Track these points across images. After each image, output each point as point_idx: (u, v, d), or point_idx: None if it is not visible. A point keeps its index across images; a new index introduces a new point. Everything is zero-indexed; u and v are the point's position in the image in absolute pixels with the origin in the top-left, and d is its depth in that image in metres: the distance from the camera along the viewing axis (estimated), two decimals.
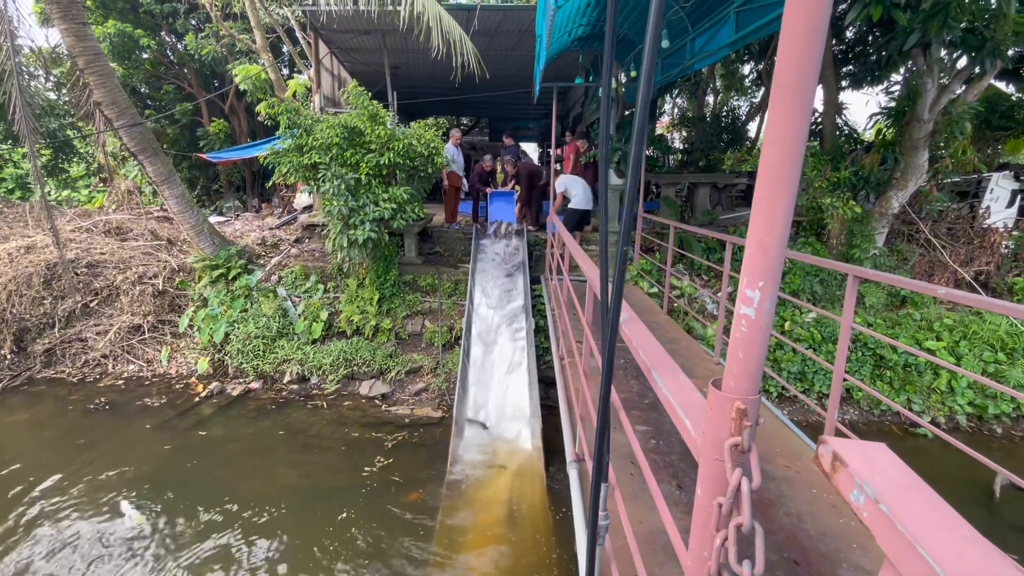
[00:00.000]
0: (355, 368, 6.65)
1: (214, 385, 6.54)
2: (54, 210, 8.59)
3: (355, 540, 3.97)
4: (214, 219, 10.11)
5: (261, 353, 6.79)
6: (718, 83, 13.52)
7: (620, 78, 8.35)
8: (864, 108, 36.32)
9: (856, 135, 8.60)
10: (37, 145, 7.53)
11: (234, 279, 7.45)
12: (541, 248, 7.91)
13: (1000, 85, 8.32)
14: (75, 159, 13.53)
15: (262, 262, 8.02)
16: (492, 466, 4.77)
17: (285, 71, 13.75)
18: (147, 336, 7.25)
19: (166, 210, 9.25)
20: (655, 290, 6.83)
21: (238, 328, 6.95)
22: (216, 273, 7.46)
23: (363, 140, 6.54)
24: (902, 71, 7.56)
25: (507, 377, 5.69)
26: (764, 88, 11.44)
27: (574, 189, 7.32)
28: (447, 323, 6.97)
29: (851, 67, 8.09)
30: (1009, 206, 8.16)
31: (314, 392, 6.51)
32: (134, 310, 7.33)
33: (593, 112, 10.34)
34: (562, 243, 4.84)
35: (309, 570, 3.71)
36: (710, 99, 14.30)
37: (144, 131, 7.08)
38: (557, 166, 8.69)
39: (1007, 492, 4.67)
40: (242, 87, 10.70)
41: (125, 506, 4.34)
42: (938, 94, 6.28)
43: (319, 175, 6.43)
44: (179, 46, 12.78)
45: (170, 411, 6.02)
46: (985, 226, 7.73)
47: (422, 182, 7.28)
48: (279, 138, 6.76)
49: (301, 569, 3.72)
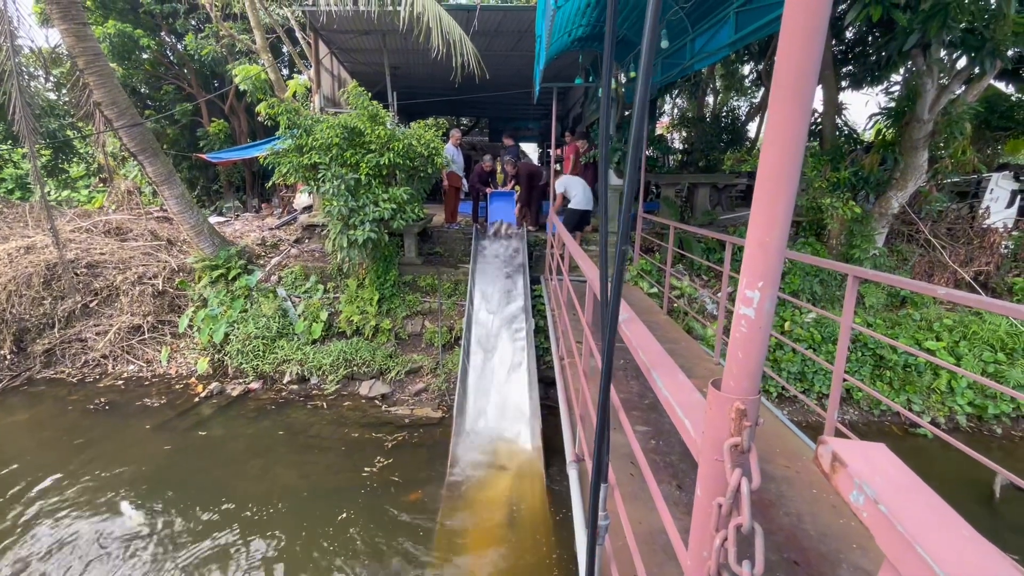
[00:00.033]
0: (355, 368, 6.65)
1: (214, 385, 6.54)
2: (54, 210, 8.58)
3: (355, 541, 3.97)
4: (214, 219, 10.11)
5: (261, 353, 6.79)
6: (718, 83, 13.52)
7: (620, 78, 8.35)
8: (864, 108, 36.34)
9: (856, 135, 8.60)
10: (37, 145, 7.53)
11: (234, 279, 7.45)
12: (541, 248, 7.91)
13: (1000, 85, 8.33)
14: (75, 159, 13.53)
15: (262, 262, 8.02)
16: (492, 467, 4.77)
17: (285, 71, 13.75)
18: (147, 336, 7.25)
19: (166, 210, 9.26)
20: (655, 290, 6.83)
21: (238, 328, 6.95)
22: (216, 273, 7.46)
23: (363, 140, 6.55)
24: (902, 71, 7.56)
25: (508, 378, 5.69)
26: (764, 88, 11.44)
27: (574, 189, 7.33)
28: (447, 323, 6.97)
29: (851, 67, 8.09)
30: (1009, 206, 8.16)
31: (314, 392, 6.50)
32: (134, 310, 7.33)
33: (593, 112, 10.34)
34: (562, 243, 4.84)
35: (309, 570, 3.71)
36: (710, 99, 14.30)
37: (144, 131, 7.08)
38: (557, 166, 8.69)
39: (1007, 492, 4.67)
40: (242, 87, 10.70)
41: (125, 506, 4.34)
42: (938, 94, 6.28)
43: (319, 175, 6.43)
44: (179, 46, 12.78)
45: (170, 411, 6.02)
46: (985, 226, 7.73)
47: (422, 182, 7.29)
48: (279, 138, 6.76)
49: (301, 569, 3.72)
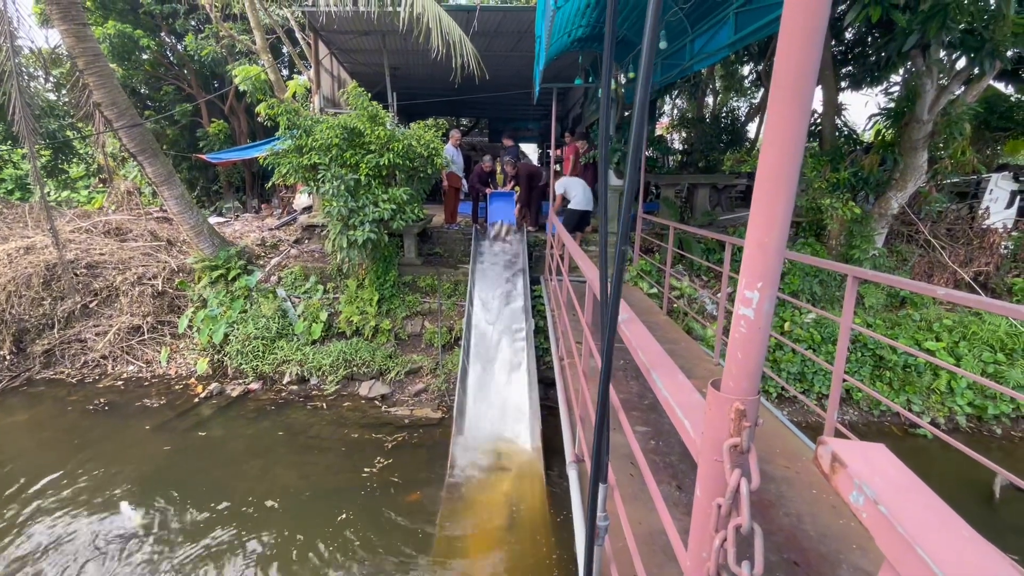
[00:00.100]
0: (355, 369, 6.65)
1: (213, 386, 6.54)
2: (53, 211, 8.58)
3: (354, 541, 3.97)
4: (214, 220, 10.11)
5: (260, 354, 6.78)
6: (717, 84, 13.51)
7: (620, 79, 8.35)
8: (863, 109, 36.40)
9: (855, 136, 8.60)
10: (37, 146, 7.53)
11: (234, 280, 7.45)
12: (541, 249, 7.91)
13: (999, 86, 8.33)
14: (75, 160, 13.53)
15: (262, 263, 8.02)
16: (492, 467, 4.77)
17: (285, 72, 13.75)
18: (146, 337, 7.24)
19: (165, 211, 9.25)
20: (655, 291, 6.83)
21: (237, 329, 6.95)
22: (216, 274, 7.46)
23: (363, 141, 6.55)
24: (901, 72, 7.57)
25: (507, 379, 5.69)
26: (763, 89, 11.44)
27: (573, 190, 7.33)
28: (447, 324, 6.97)
29: (850, 68, 8.10)
30: (1008, 207, 8.16)
31: (314, 393, 6.50)
32: (133, 311, 7.32)
33: (593, 113, 10.35)
34: (561, 244, 4.85)
35: (308, 570, 3.71)
36: (710, 100, 14.30)
37: (144, 132, 7.08)
38: (557, 167, 8.69)
39: (1007, 492, 4.68)
40: (242, 88, 10.70)
41: (124, 507, 4.34)
42: (937, 95, 6.28)
43: (319, 176, 6.43)
44: (179, 47, 12.78)
45: (169, 412, 6.01)
46: (984, 227, 7.73)
47: (422, 183, 7.29)
48: (279, 139, 6.76)
49: (300, 570, 3.71)
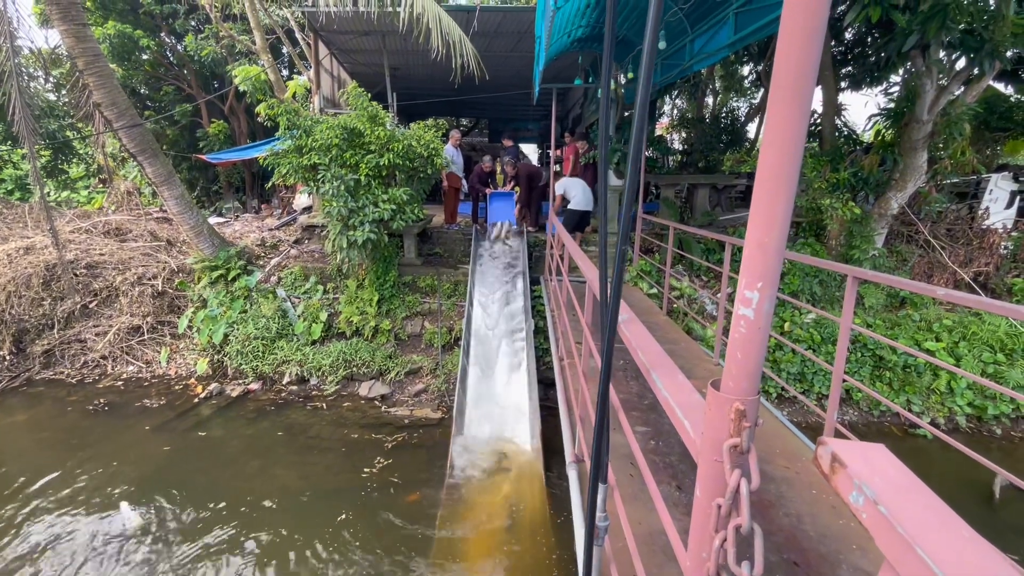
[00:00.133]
0: (354, 369, 6.65)
1: (213, 386, 6.53)
2: (53, 211, 8.58)
3: (353, 541, 3.97)
4: (213, 220, 10.11)
5: (260, 354, 6.78)
6: (717, 84, 13.52)
7: (619, 79, 8.35)
8: (863, 109, 36.44)
9: (855, 136, 8.61)
10: (37, 146, 7.53)
11: (233, 280, 7.45)
12: (541, 249, 7.91)
13: (999, 86, 8.34)
14: (74, 160, 13.53)
15: (261, 263, 8.02)
16: (492, 468, 4.77)
17: (285, 72, 13.75)
18: (146, 337, 7.24)
19: (165, 211, 9.25)
20: (655, 291, 6.83)
21: (237, 329, 6.95)
22: (215, 274, 7.46)
23: (363, 141, 6.55)
24: (901, 72, 7.57)
25: (507, 379, 5.69)
26: (763, 89, 11.45)
27: (573, 190, 7.33)
28: (447, 324, 6.97)
29: (850, 68, 8.10)
30: (1008, 207, 8.16)
31: (313, 393, 6.50)
32: (133, 311, 7.32)
33: (592, 113, 10.35)
34: (561, 244, 4.85)
35: (308, 571, 3.70)
36: (709, 100, 14.30)
37: (143, 132, 7.08)
38: (556, 167, 8.69)
39: (1007, 493, 4.67)
40: (242, 88, 10.70)
41: (123, 507, 4.33)
42: (937, 95, 6.28)
43: (319, 176, 6.43)
44: (179, 47, 12.79)
45: (169, 412, 6.01)
46: (984, 227, 7.73)
47: (422, 183, 7.29)
48: (279, 139, 6.76)
49: (300, 570, 3.71)
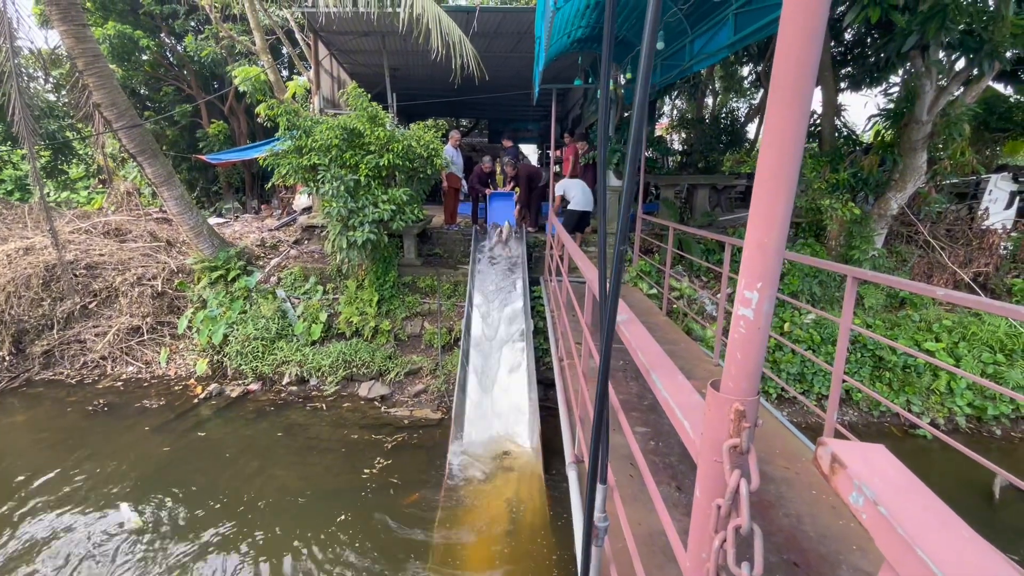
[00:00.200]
0: (354, 370, 6.65)
1: (213, 387, 6.53)
2: (53, 211, 8.57)
3: (353, 542, 3.96)
4: (213, 220, 10.10)
5: (260, 355, 6.78)
6: (717, 85, 13.53)
7: (619, 80, 8.36)
8: (863, 110, 36.50)
9: (855, 137, 8.61)
10: (36, 147, 7.52)
11: (233, 280, 7.44)
12: (540, 249, 7.91)
13: (998, 87, 8.34)
14: (74, 161, 13.53)
15: (261, 263, 8.02)
16: (491, 468, 4.77)
17: (285, 73, 13.75)
18: (146, 338, 7.24)
19: (165, 211, 9.24)
20: (654, 291, 6.83)
21: (237, 329, 6.94)
22: (215, 274, 7.45)
23: (362, 141, 6.55)
24: (900, 73, 7.58)
25: (507, 379, 5.68)
26: (763, 90, 11.45)
27: (572, 191, 7.34)
28: (446, 324, 6.97)
29: (850, 69, 8.11)
30: (1008, 207, 8.16)
31: (313, 394, 6.49)
32: (133, 311, 7.32)
33: (592, 113, 10.36)
34: (561, 245, 4.85)
35: (307, 571, 3.70)
36: (709, 101, 14.31)
37: (143, 132, 7.08)
38: (556, 168, 8.70)
39: (1006, 493, 4.67)
40: (241, 89, 10.70)
41: (123, 507, 4.33)
42: (936, 96, 6.29)
43: (318, 176, 6.43)
44: (179, 48, 12.78)
45: (169, 413, 6.00)
46: (984, 227, 7.73)
47: (421, 183, 7.29)
48: (278, 139, 6.76)
49: (299, 569, 3.71)
